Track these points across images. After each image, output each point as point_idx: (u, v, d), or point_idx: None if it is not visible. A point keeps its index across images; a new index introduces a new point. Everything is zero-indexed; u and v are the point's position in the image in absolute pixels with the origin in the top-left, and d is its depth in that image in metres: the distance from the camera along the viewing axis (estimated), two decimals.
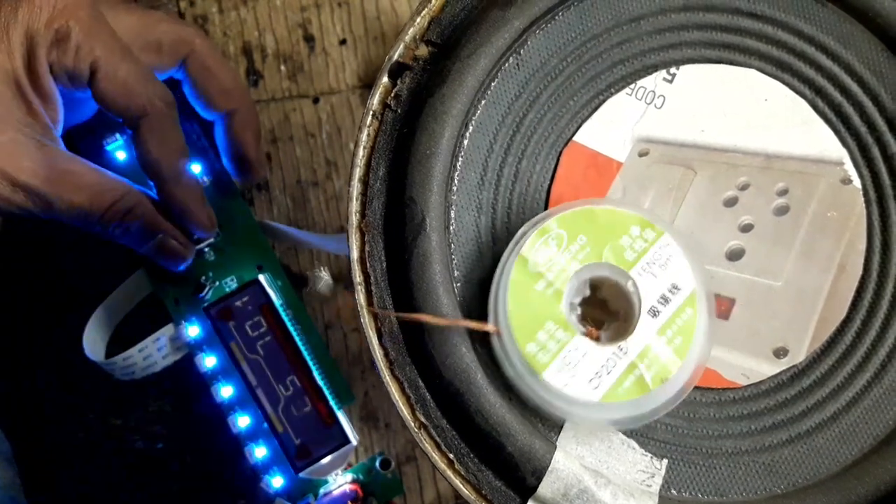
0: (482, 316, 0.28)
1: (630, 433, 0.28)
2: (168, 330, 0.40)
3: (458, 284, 0.29)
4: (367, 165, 0.29)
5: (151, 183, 0.37)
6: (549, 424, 0.28)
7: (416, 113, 0.29)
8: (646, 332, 0.26)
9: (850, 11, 0.30)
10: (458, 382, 0.27)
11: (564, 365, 0.26)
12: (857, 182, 0.30)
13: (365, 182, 0.29)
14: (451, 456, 0.28)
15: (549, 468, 0.27)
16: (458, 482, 0.27)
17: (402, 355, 0.28)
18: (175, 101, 0.37)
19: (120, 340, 0.40)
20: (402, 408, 0.28)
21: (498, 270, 0.28)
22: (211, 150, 0.41)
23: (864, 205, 0.30)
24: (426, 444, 0.28)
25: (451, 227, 0.29)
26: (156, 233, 0.37)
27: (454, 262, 0.29)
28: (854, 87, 0.30)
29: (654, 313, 0.26)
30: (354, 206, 0.29)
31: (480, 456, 0.28)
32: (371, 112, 0.30)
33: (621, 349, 0.26)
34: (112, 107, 0.35)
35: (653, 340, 0.26)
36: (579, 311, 0.28)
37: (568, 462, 0.27)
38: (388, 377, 0.28)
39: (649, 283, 0.26)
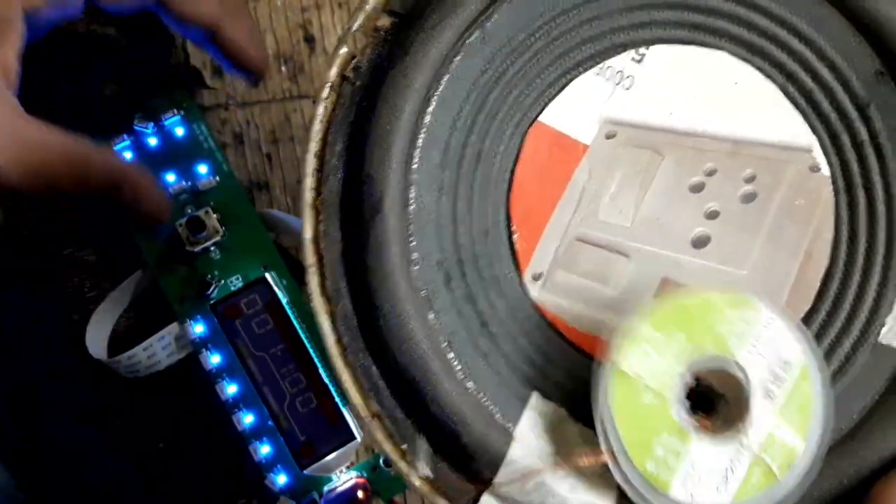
0: (442, 298, 0.27)
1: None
2: (173, 328, 0.40)
3: (417, 267, 0.28)
4: (324, 140, 0.28)
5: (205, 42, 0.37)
6: (506, 415, 0.27)
7: (376, 86, 0.28)
8: (765, 419, 0.25)
9: None
10: (413, 370, 0.26)
11: (688, 476, 0.24)
12: (825, 170, 0.29)
13: (321, 157, 0.28)
14: (405, 447, 0.27)
15: (506, 460, 0.26)
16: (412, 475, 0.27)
17: (355, 341, 0.27)
18: None
19: (124, 339, 0.40)
20: (355, 396, 0.27)
21: (594, 390, 0.26)
22: (218, 152, 0.41)
23: (832, 193, 0.29)
24: (378, 434, 0.27)
25: (411, 208, 0.28)
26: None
27: (412, 243, 0.28)
28: (825, 73, 0.30)
29: (770, 395, 0.25)
30: (309, 182, 0.28)
31: (435, 447, 0.27)
32: (328, 84, 0.28)
33: (743, 445, 0.25)
34: None
35: (774, 426, 0.25)
36: (687, 404, 0.26)
37: (525, 454, 0.26)
38: (340, 363, 0.27)
39: (758, 364, 0.25)
